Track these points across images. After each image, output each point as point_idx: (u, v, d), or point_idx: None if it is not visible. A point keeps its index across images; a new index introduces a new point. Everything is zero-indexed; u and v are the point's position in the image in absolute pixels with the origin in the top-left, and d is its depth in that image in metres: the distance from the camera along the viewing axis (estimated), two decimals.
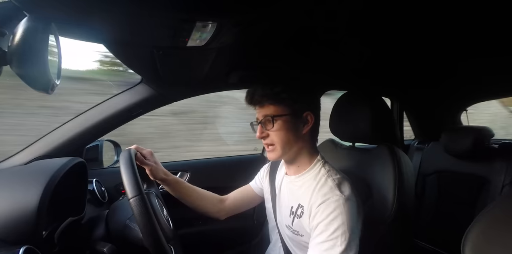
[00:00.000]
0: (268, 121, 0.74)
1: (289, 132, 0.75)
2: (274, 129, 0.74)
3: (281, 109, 0.74)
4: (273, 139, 0.75)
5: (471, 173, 1.46)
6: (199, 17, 0.55)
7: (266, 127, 0.75)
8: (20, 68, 0.42)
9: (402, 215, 0.82)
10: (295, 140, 0.76)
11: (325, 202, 0.67)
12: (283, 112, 0.74)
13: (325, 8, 0.61)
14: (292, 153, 0.77)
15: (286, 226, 0.79)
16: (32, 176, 0.73)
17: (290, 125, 0.75)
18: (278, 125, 0.74)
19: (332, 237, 0.64)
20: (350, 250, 0.63)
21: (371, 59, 1.03)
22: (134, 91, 1.07)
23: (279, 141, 0.75)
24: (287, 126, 0.74)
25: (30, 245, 0.57)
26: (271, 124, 0.74)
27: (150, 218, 0.61)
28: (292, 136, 0.75)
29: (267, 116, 0.74)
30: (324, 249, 0.63)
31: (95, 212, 0.93)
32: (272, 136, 0.75)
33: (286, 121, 0.74)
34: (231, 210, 0.98)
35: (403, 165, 0.88)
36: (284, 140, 0.75)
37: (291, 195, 0.80)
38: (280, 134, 0.74)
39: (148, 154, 0.86)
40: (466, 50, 0.94)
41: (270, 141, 0.76)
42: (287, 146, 0.75)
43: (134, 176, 0.64)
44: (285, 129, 0.74)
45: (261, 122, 0.76)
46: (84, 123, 1.03)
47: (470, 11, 0.65)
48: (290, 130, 0.75)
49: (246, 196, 1.00)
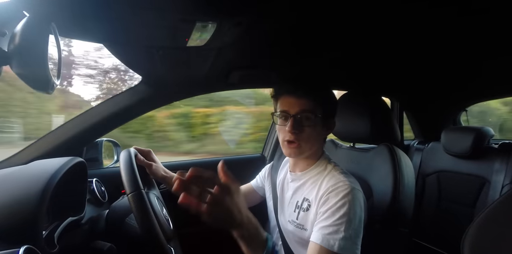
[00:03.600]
0: (306, 117, 0.72)
1: (317, 132, 0.75)
2: (310, 126, 0.72)
3: (319, 108, 0.73)
4: (303, 136, 0.72)
5: (471, 173, 1.46)
6: (199, 17, 0.55)
7: (304, 123, 0.72)
8: (20, 68, 0.42)
9: (402, 215, 0.82)
10: (318, 141, 0.77)
11: (334, 190, 0.69)
12: (320, 112, 0.73)
13: (325, 8, 0.61)
14: (310, 152, 0.78)
15: (290, 221, 0.80)
16: (32, 175, 0.73)
17: (320, 126, 0.75)
18: (314, 123, 0.73)
19: (336, 222, 0.65)
20: (352, 238, 0.64)
21: (372, 59, 1.03)
22: (134, 91, 1.07)
23: (308, 139, 0.73)
24: (319, 126, 0.74)
25: (30, 245, 0.57)
26: (309, 120, 0.72)
27: (148, 213, 0.61)
28: (319, 137, 0.76)
29: (306, 111, 0.72)
30: (327, 233, 0.65)
31: (95, 212, 0.93)
32: (306, 133, 0.72)
33: (319, 122, 0.74)
34: None
35: (403, 165, 0.88)
36: (312, 139, 0.74)
37: (296, 191, 0.81)
38: (312, 133, 0.73)
39: (147, 153, 0.86)
40: (466, 50, 0.94)
41: (300, 137, 0.72)
42: (312, 145, 0.75)
43: (132, 173, 0.65)
44: (318, 128, 0.74)
45: (296, 117, 0.72)
46: (84, 123, 1.03)
47: (470, 11, 0.65)
48: (319, 130, 0.75)
49: (247, 195, 1.02)
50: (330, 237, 0.64)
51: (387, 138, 0.96)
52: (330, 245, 0.63)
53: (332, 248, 0.63)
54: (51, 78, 0.46)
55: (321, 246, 0.64)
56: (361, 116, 0.95)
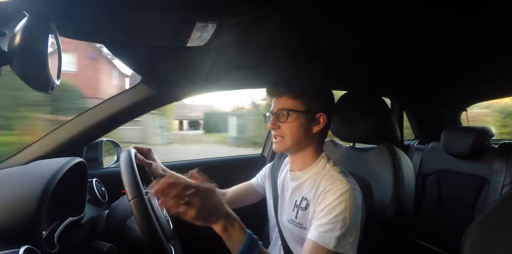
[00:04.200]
0: (282, 114, 0.77)
1: (300, 128, 0.77)
2: (287, 122, 0.76)
3: (298, 105, 0.77)
4: (283, 131, 0.78)
5: (471, 173, 1.46)
6: (199, 17, 0.55)
7: (280, 119, 0.77)
8: (20, 68, 0.42)
9: (402, 215, 0.82)
10: (304, 137, 0.78)
11: (331, 189, 0.70)
12: (299, 108, 0.77)
13: (325, 9, 0.61)
14: (298, 147, 0.80)
15: (289, 220, 0.80)
16: (32, 176, 0.73)
17: (302, 122, 0.77)
18: (291, 120, 0.76)
19: (332, 221, 0.66)
20: (347, 236, 0.65)
21: (372, 59, 1.03)
22: (134, 91, 1.07)
23: (289, 134, 0.77)
24: (299, 122, 0.77)
25: (30, 245, 0.57)
26: (285, 117, 0.76)
27: (151, 220, 0.61)
28: (302, 132, 0.78)
29: (282, 109, 0.77)
30: (323, 231, 0.65)
31: (95, 212, 0.93)
32: (283, 128, 0.77)
33: (299, 118, 0.77)
34: (230, 204, 0.99)
35: (403, 165, 0.88)
36: (294, 134, 0.77)
37: (295, 190, 0.82)
38: (291, 128, 0.77)
39: (147, 152, 0.87)
40: (466, 50, 0.94)
41: (281, 132, 0.78)
42: (295, 140, 0.78)
43: (134, 177, 0.65)
44: (297, 124, 0.77)
45: (275, 114, 0.78)
46: (84, 124, 1.03)
47: (471, 12, 0.65)
48: (301, 126, 0.77)
49: (246, 192, 1.03)
50: (326, 235, 0.65)
51: (387, 138, 0.96)
52: (326, 243, 0.64)
53: (328, 246, 0.64)
54: (51, 78, 0.46)
55: (317, 244, 0.65)
56: (361, 116, 0.95)
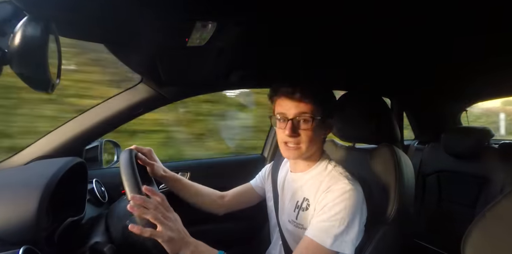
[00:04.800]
0: (305, 120, 0.72)
1: (317, 135, 0.75)
2: (309, 128, 0.72)
3: (317, 110, 0.73)
4: (302, 139, 0.73)
5: (471, 173, 1.46)
6: (199, 17, 0.55)
7: (301, 126, 0.72)
8: (20, 68, 0.42)
9: (402, 215, 0.81)
10: (317, 142, 0.77)
11: (333, 189, 0.70)
12: (318, 114, 0.73)
13: (325, 8, 0.61)
14: (310, 153, 0.78)
15: (289, 221, 0.80)
16: (32, 176, 0.73)
17: (318, 129, 0.75)
18: (312, 126, 0.73)
19: (332, 218, 0.66)
20: (344, 235, 0.65)
21: (372, 59, 1.03)
22: (134, 91, 1.07)
23: (307, 141, 0.73)
24: (317, 129, 0.74)
25: (30, 245, 0.57)
26: (309, 124, 0.72)
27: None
28: (318, 138, 0.76)
29: (304, 114, 0.72)
30: (321, 228, 0.66)
31: (95, 212, 0.93)
32: (302, 136, 0.73)
33: (318, 124, 0.73)
34: (230, 207, 0.99)
35: (403, 165, 0.87)
36: (312, 141, 0.74)
37: (296, 191, 0.81)
38: (311, 135, 0.73)
39: (148, 152, 0.86)
40: (466, 50, 0.94)
41: (298, 140, 0.73)
42: (311, 147, 0.75)
43: (134, 177, 0.65)
44: (315, 131, 0.74)
45: (294, 120, 0.72)
46: (84, 124, 1.03)
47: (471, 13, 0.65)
48: (318, 133, 0.75)
49: (245, 194, 1.02)
50: (323, 232, 0.65)
51: (387, 138, 0.96)
52: (323, 241, 0.64)
53: (325, 243, 0.64)
54: (51, 78, 0.46)
55: (313, 241, 0.65)
56: (361, 116, 0.95)
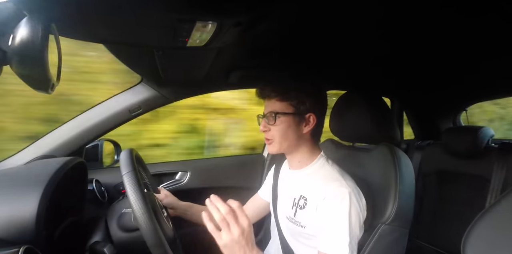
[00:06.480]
0: (271, 117, 0.77)
1: (289, 130, 0.78)
2: (275, 124, 0.77)
3: (286, 107, 0.77)
4: (273, 134, 0.78)
5: (471, 173, 1.45)
6: (199, 17, 0.55)
7: (269, 122, 0.78)
8: (20, 68, 0.42)
9: (402, 215, 0.81)
10: (294, 138, 0.79)
11: (331, 195, 0.71)
12: (287, 110, 0.77)
13: (326, 9, 0.61)
14: (290, 148, 0.80)
15: (288, 218, 0.81)
16: (32, 176, 0.73)
17: (292, 124, 0.77)
18: (280, 122, 0.77)
19: (339, 230, 0.68)
20: (352, 241, 0.68)
21: (372, 59, 1.03)
22: (134, 91, 1.07)
23: (278, 136, 0.78)
24: (288, 124, 0.77)
25: (30, 245, 0.57)
26: (274, 120, 0.77)
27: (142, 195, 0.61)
28: (291, 133, 0.78)
29: (271, 112, 0.77)
30: (333, 240, 0.68)
31: (95, 212, 0.93)
32: (273, 131, 0.78)
33: (288, 120, 0.77)
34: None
35: (403, 165, 0.87)
36: (283, 136, 0.78)
37: (293, 187, 0.82)
38: (280, 130, 0.77)
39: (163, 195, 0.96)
40: (466, 50, 0.94)
41: (271, 135, 0.79)
42: (285, 142, 0.78)
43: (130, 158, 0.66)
44: (286, 126, 0.77)
45: (265, 117, 0.79)
46: (84, 123, 1.03)
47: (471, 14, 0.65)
48: (291, 128, 0.77)
49: (256, 207, 1.01)
50: (337, 245, 0.68)
51: (387, 138, 0.96)
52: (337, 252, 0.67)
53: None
54: (51, 78, 0.46)
55: None
56: (361, 116, 0.95)
